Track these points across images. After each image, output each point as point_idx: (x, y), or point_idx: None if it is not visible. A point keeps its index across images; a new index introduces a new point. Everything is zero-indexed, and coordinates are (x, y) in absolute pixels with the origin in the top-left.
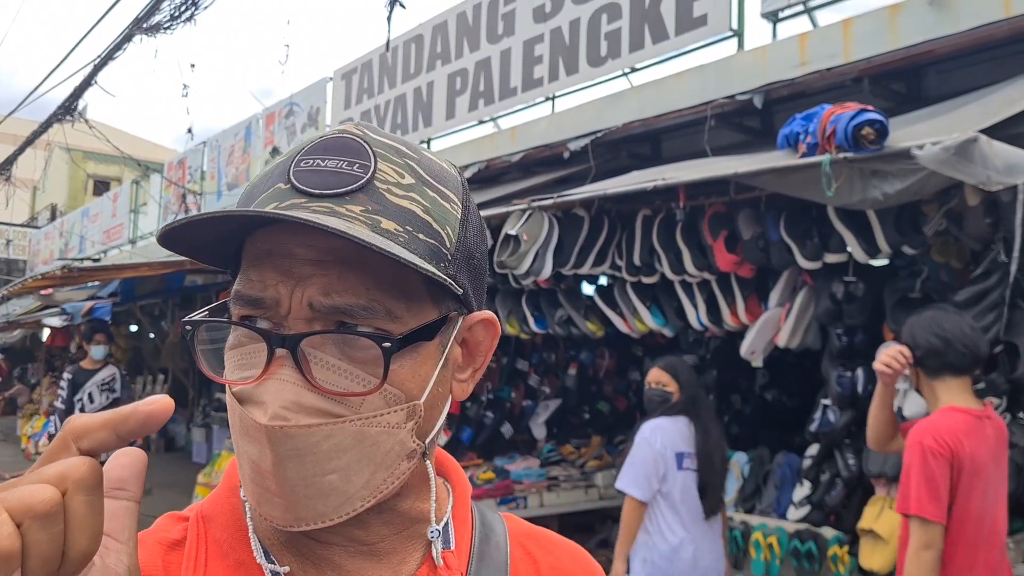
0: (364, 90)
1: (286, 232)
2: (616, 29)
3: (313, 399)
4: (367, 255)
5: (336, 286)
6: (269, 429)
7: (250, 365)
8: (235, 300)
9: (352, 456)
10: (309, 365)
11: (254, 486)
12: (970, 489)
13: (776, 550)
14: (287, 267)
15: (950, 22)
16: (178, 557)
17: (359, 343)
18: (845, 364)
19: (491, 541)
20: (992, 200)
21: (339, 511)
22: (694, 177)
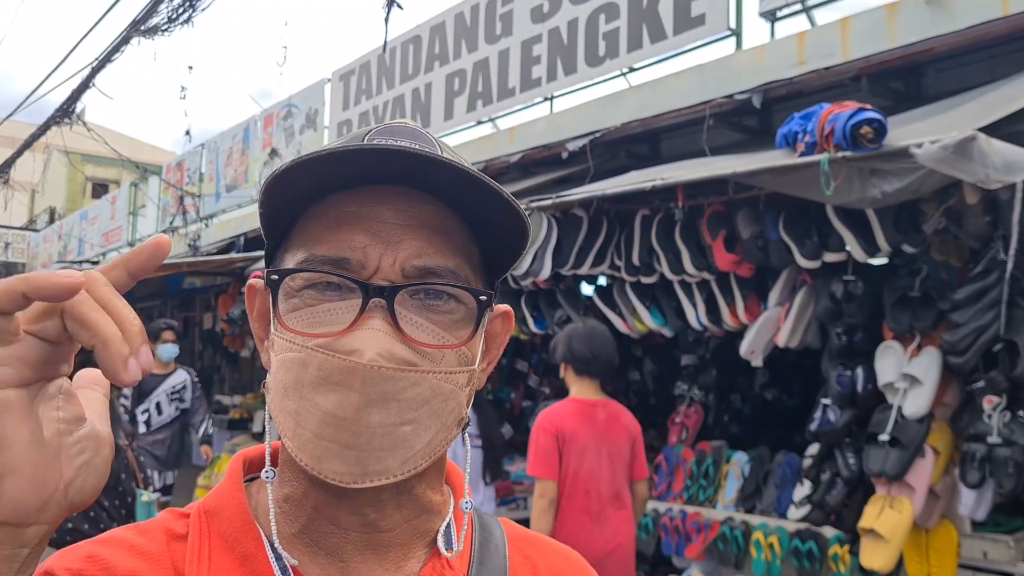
0: (362, 91)
1: (372, 197)
2: (614, 29)
3: (403, 350)
4: (449, 224)
5: (428, 249)
6: (367, 368)
7: (325, 323)
8: (306, 263)
9: (427, 410)
10: (398, 317)
11: (320, 441)
12: (573, 456)
13: (777, 550)
14: (377, 230)
15: (948, 20)
16: (182, 548)
17: (445, 304)
18: (845, 363)
19: (490, 544)
20: (991, 198)
21: (404, 467)
22: (693, 177)
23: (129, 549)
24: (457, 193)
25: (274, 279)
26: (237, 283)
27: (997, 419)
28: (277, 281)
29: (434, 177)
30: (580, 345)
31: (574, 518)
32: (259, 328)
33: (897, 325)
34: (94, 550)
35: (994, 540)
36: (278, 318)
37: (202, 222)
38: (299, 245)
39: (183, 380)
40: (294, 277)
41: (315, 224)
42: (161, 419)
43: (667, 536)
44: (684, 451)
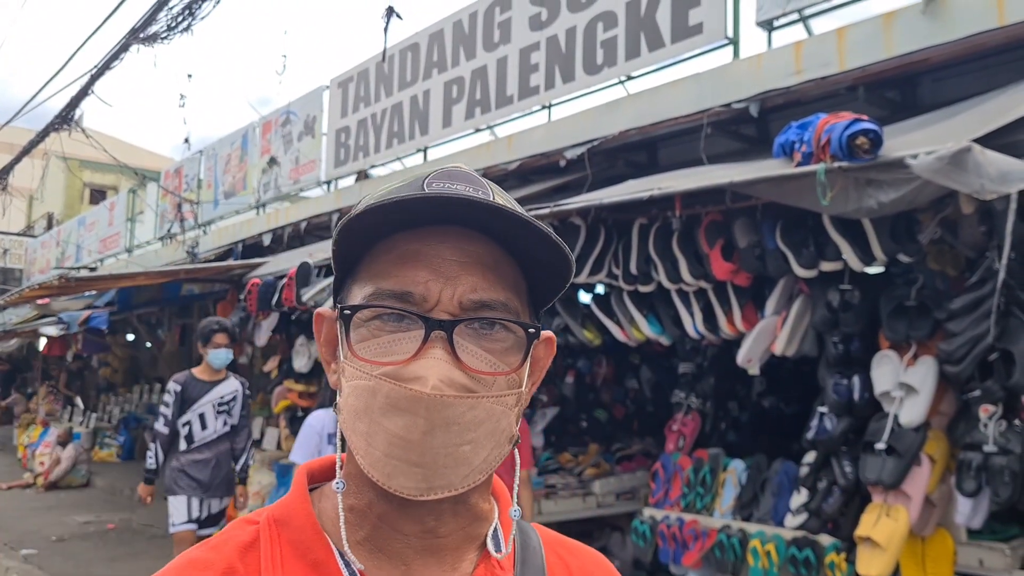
0: (361, 98)
1: (432, 237)
2: (612, 37)
3: (460, 376)
4: (501, 262)
5: (482, 284)
6: (430, 398)
7: (390, 352)
8: (372, 296)
9: (483, 431)
10: (456, 347)
11: (389, 460)
12: None
13: (774, 558)
14: (437, 266)
15: (944, 30)
16: (254, 558)
17: (498, 334)
18: (842, 372)
19: (530, 546)
20: (986, 208)
21: (464, 481)
22: (690, 186)
23: (205, 570)
24: (508, 233)
25: (347, 313)
26: (235, 290)
27: (993, 428)
28: (349, 315)
29: (488, 219)
30: None
31: None
32: (326, 352)
33: (893, 334)
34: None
35: (990, 548)
36: (349, 347)
37: (200, 229)
38: (367, 279)
39: (234, 390)
40: (363, 310)
41: (382, 261)
42: (205, 434)
43: (664, 544)
44: (681, 459)
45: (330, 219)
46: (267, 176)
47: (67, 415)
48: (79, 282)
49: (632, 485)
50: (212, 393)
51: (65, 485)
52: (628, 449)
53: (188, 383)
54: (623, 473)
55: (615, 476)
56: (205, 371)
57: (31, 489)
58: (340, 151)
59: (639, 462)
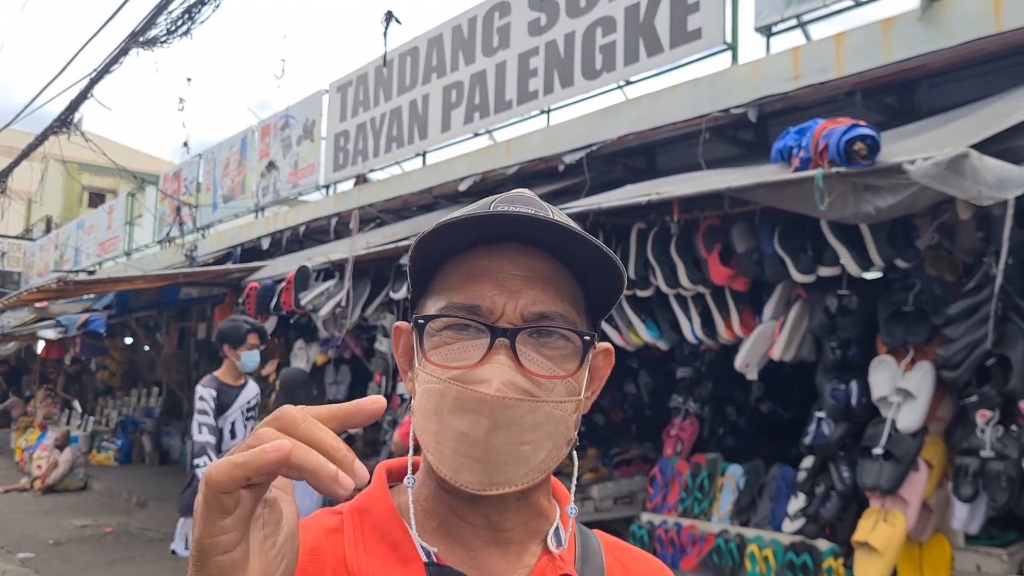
0: (360, 103)
1: (497, 255)
2: (611, 42)
3: (522, 381)
4: (560, 276)
5: (543, 297)
6: (494, 399)
7: (460, 358)
8: (445, 309)
9: (542, 433)
10: (519, 353)
11: (456, 456)
12: None
13: (771, 563)
14: (502, 281)
15: (942, 36)
16: (338, 540)
17: (556, 342)
18: (839, 377)
19: (590, 546)
20: (984, 214)
21: (524, 479)
22: (688, 191)
23: None
24: (566, 249)
25: (420, 323)
26: (233, 293)
27: (990, 433)
28: (423, 325)
29: (548, 237)
30: None
31: None
32: (404, 362)
33: (891, 339)
34: None
35: (987, 554)
36: (422, 353)
37: (199, 232)
38: (439, 293)
39: (256, 395)
40: (435, 320)
41: (452, 276)
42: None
43: (662, 548)
44: (679, 464)
45: (328, 223)
46: (266, 180)
47: (65, 418)
48: (77, 285)
49: (630, 490)
50: (240, 399)
51: (62, 488)
52: (626, 454)
53: (222, 389)
54: (621, 478)
55: (613, 481)
56: (230, 374)
57: (28, 493)
58: (339, 155)
59: (637, 467)
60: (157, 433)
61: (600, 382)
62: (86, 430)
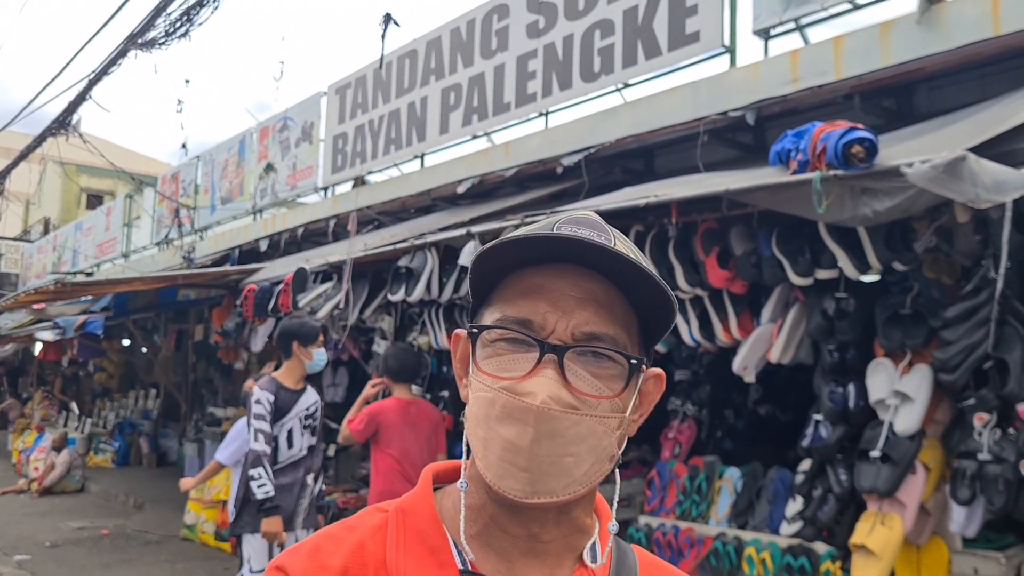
0: (358, 105)
1: (554, 274)
2: (609, 45)
3: (567, 396)
4: (614, 301)
5: (594, 319)
6: (539, 409)
7: (511, 369)
8: (500, 321)
9: (585, 446)
10: (566, 370)
11: (501, 463)
12: (388, 435)
13: (769, 565)
14: (556, 300)
15: (940, 40)
16: (381, 538)
17: (604, 363)
18: (837, 379)
19: (625, 563)
20: (982, 217)
21: (565, 491)
22: (686, 194)
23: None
24: (623, 275)
25: (475, 332)
26: (231, 296)
27: (988, 436)
28: (476, 334)
29: (606, 262)
30: (392, 361)
31: (390, 476)
32: (460, 368)
33: (889, 342)
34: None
35: (985, 557)
36: (475, 362)
37: (197, 234)
38: (496, 306)
39: (315, 401)
40: (490, 331)
41: (509, 291)
42: (290, 454)
43: (660, 551)
44: (677, 466)
45: (327, 225)
46: (264, 182)
47: (62, 420)
48: (75, 287)
49: (628, 492)
50: (299, 404)
51: (59, 490)
52: (624, 456)
53: (280, 392)
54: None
55: (611, 483)
56: (291, 377)
57: (25, 494)
58: (337, 157)
59: (635, 469)
60: (155, 435)
61: (649, 406)
62: (83, 432)
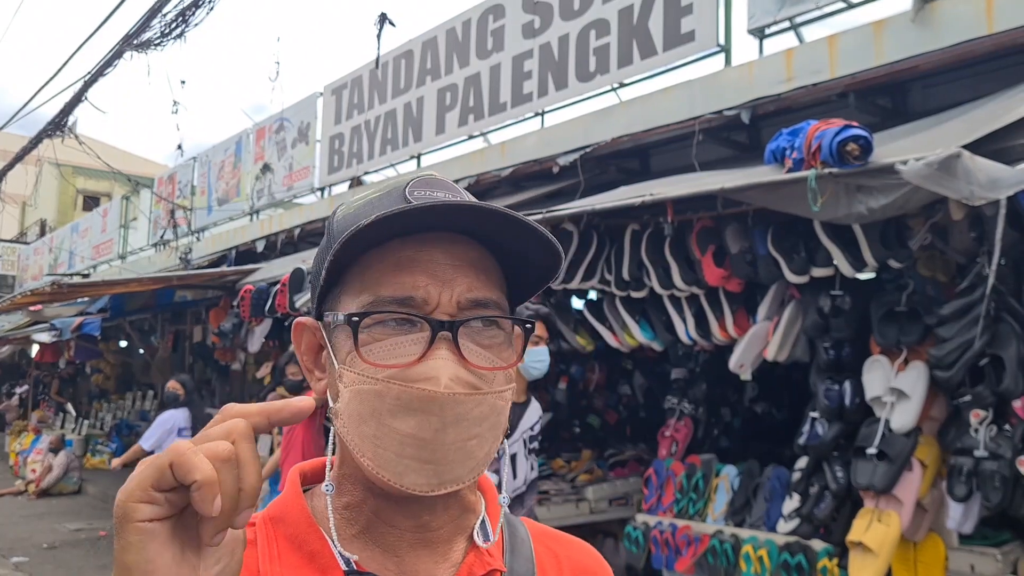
0: (354, 105)
1: (423, 244)
2: (604, 45)
3: (466, 374)
4: (488, 263)
5: (476, 284)
6: (444, 396)
7: (395, 355)
8: (378, 304)
9: (487, 425)
10: (460, 350)
11: (401, 460)
12: None
13: (766, 563)
14: (434, 271)
15: (934, 38)
16: (252, 553)
17: (491, 331)
18: (833, 377)
19: (518, 537)
20: (976, 214)
21: (470, 474)
22: (682, 192)
23: None
24: (492, 234)
25: (355, 320)
26: (228, 296)
27: (983, 433)
28: (357, 322)
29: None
30: None
31: None
32: (309, 360)
33: (884, 340)
34: None
35: (981, 553)
36: (358, 353)
37: (193, 235)
38: (360, 288)
39: (539, 417)
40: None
41: (376, 269)
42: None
43: (657, 549)
44: (674, 465)
45: (324, 225)
46: (261, 183)
47: (59, 422)
48: (72, 289)
49: (625, 491)
50: (523, 422)
51: (57, 492)
52: (621, 455)
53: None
54: (616, 479)
55: (608, 482)
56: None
57: (22, 496)
58: (334, 158)
59: (632, 468)
60: None
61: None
62: (80, 433)
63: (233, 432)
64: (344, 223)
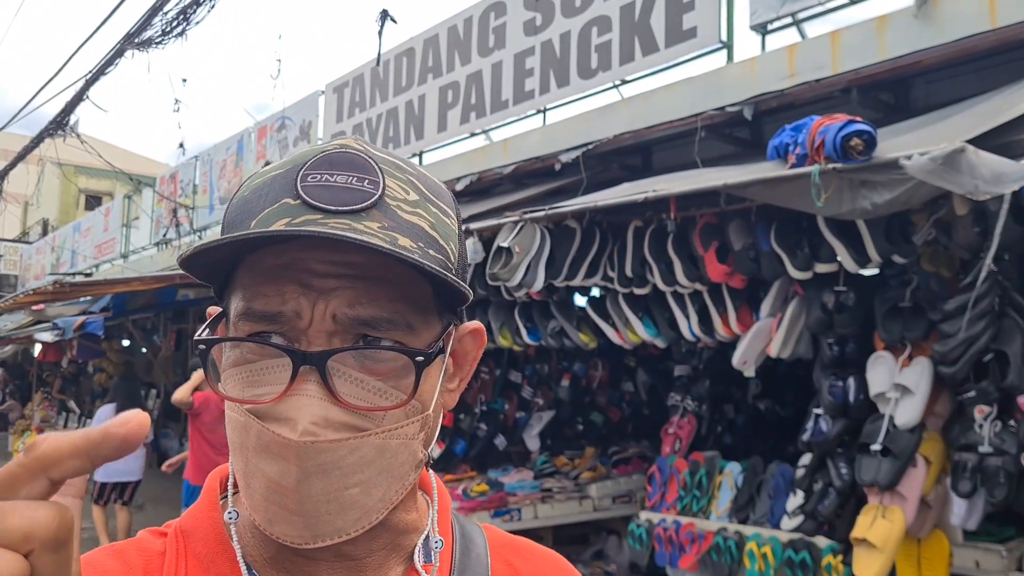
0: (356, 103)
1: (301, 247)
2: (606, 42)
3: (339, 414)
4: (388, 270)
5: (361, 298)
6: (299, 445)
7: (263, 382)
8: (244, 316)
9: (373, 469)
10: (333, 380)
11: (268, 505)
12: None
13: (770, 560)
14: (307, 281)
15: (937, 33)
16: (159, 565)
17: (381, 355)
18: (836, 373)
19: (472, 553)
20: (980, 209)
21: (357, 524)
22: (685, 188)
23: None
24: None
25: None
26: None
27: (988, 429)
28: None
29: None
30: None
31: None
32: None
33: (888, 335)
34: None
35: (986, 549)
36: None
37: (196, 234)
38: (240, 293)
39: None
40: (236, 324)
41: (250, 275)
42: None
43: (661, 547)
44: (677, 462)
45: None
46: None
47: (62, 421)
48: (74, 288)
49: (628, 488)
50: None
51: None
52: (624, 452)
53: None
54: (619, 476)
55: (611, 479)
56: None
57: None
58: None
59: (635, 465)
60: (155, 435)
61: (472, 365)
62: None
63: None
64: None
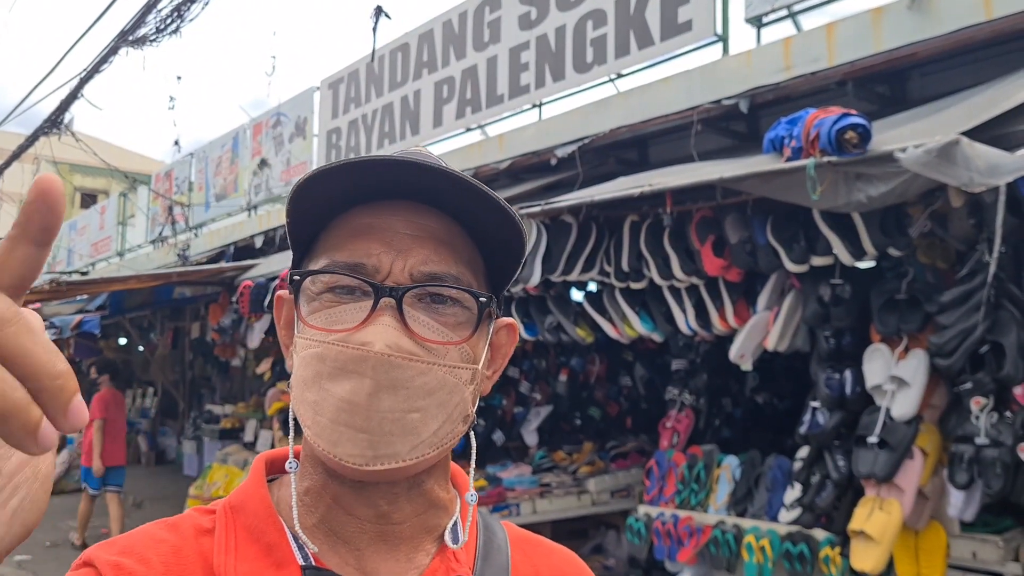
0: (351, 99)
1: (385, 210)
2: (602, 35)
3: (410, 344)
4: (456, 237)
5: (433, 257)
6: (377, 356)
7: (343, 321)
8: (329, 268)
9: (434, 400)
10: (406, 317)
11: (335, 427)
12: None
13: (768, 553)
14: (389, 239)
15: (932, 25)
16: (209, 542)
17: (449, 307)
18: (833, 366)
19: (494, 543)
20: (976, 201)
21: (412, 453)
22: (681, 183)
23: (160, 543)
24: (460, 206)
25: (296, 279)
26: (227, 292)
27: (984, 420)
28: (299, 281)
29: (443, 196)
30: None
31: None
32: (286, 336)
33: (884, 328)
34: (129, 543)
35: (983, 540)
36: (300, 318)
37: (192, 232)
38: (321, 254)
39: None
40: (315, 281)
41: (335, 235)
42: None
43: (659, 541)
44: (676, 455)
45: None
46: (258, 178)
47: None
48: (70, 286)
49: (627, 482)
50: None
51: (59, 490)
52: (622, 446)
53: None
54: (618, 471)
55: (610, 474)
56: None
57: None
58: (331, 152)
59: (633, 459)
60: (153, 433)
61: (503, 360)
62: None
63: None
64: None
